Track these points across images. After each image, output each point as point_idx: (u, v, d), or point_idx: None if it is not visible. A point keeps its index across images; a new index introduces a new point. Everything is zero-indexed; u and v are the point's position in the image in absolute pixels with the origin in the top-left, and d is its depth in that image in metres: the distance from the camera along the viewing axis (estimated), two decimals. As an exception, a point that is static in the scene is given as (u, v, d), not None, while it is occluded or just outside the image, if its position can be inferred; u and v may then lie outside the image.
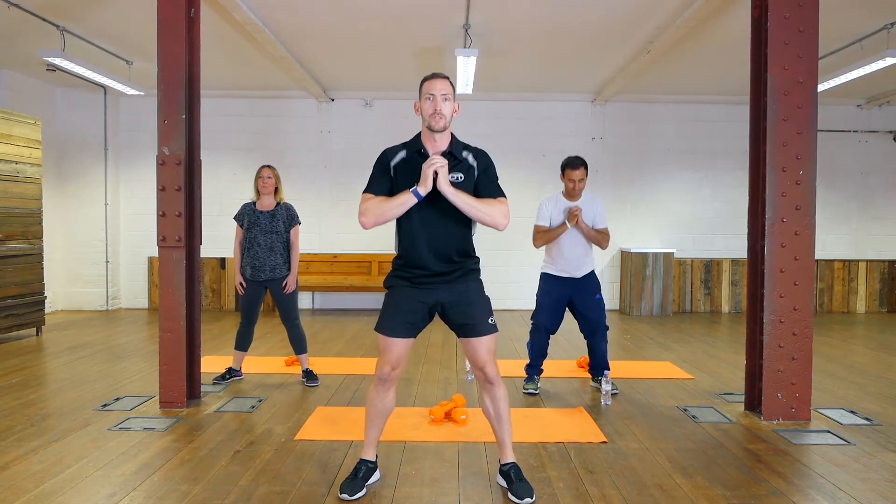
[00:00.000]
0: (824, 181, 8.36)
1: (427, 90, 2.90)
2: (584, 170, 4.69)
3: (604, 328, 4.79)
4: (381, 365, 2.99)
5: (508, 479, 3.00)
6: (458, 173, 2.91)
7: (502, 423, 3.03)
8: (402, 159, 2.97)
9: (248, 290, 5.04)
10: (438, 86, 2.88)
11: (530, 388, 4.79)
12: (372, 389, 3.04)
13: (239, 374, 5.17)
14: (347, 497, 2.93)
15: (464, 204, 2.84)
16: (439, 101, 2.86)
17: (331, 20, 6.22)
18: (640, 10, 5.85)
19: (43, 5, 5.82)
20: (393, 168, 2.97)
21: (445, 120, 2.88)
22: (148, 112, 8.96)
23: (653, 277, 9.10)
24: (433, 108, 2.87)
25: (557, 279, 4.79)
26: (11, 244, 6.69)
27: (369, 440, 3.10)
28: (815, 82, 4.12)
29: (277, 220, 5.01)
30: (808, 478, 3.25)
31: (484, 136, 9.31)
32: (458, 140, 3.01)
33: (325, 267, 9.40)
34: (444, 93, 2.88)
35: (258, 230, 4.99)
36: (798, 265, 4.12)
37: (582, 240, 4.75)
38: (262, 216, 5.01)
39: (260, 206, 5.05)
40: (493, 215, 2.88)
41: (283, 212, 5.05)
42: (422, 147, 2.94)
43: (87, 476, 3.18)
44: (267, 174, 5.03)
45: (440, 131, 2.90)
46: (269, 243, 4.98)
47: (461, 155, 2.96)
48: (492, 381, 2.98)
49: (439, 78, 2.92)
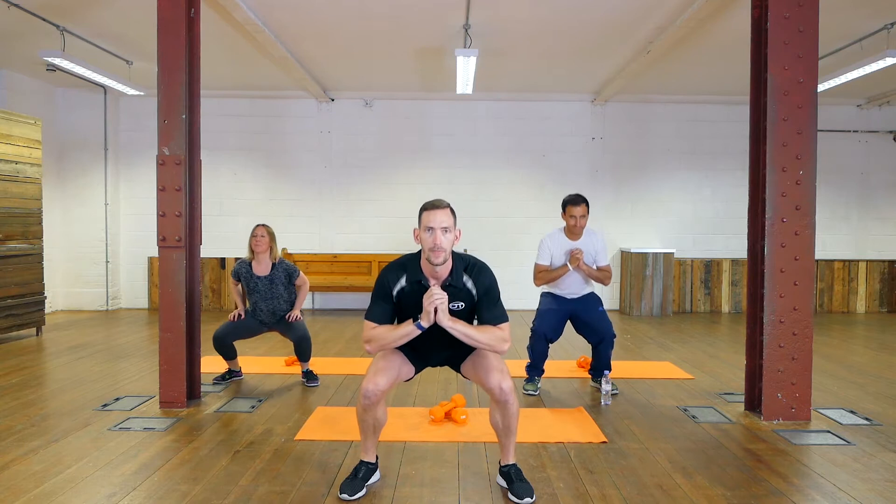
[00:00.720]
0: (824, 181, 8.37)
1: (426, 222, 2.87)
2: (586, 206, 4.71)
3: (611, 337, 4.77)
4: (367, 381, 2.92)
5: (508, 479, 3.00)
6: (458, 302, 2.94)
7: (509, 436, 3.03)
8: (402, 288, 2.97)
9: (247, 320, 5.04)
10: (438, 218, 2.85)
11: (530, 389, 4.79)
12: (358, 406, 2.98)
13: (239, 375, 5.18)
14: (347, 497, 2.93)
15: (462, 336, 2.87)
16: (439, 235, 2.84)
17: (331, 20, 6.22)
18: (640, 10, 5.85)
19: (43, 5, 5.82)
20: (395, 296, 2.98)
21: (445, 253, 2.86)
22: (148, 112, 8.97)
23: (653, 277, 9.10)
24: (433, 243, 2.84)
25: (559, 297, 4.83)
26: (11, 244, 6.69)
27: (367, 446, 3.10)
28: (815, 82, 4.12)
29: (276, 285, 5.00)
30: (808, 478, 3.25)
31: (484, 136, 9.35)
32: (459, 262, 2.98)
33: (325, 267, 9.40)
34: (445, 226, 2.85)
35: (258, 297, 5.00)
36: (798, 265, 4.12)
37: (580, 278, 4.80)
38: (261, 282, 4.99)
39: (256, 271, 5.00)
40: (492, 344, 2.89)
41: (281, 274, 5.01)
42: (422, 277, 2.93)
43: (87, 476, 3.18)
44: (260, 233, 4.98)
45: (440, 265, 2.88)
46: (270, 308, 5.02)
47: (461, 283, 2.95)
48: (507, 398, 2.91)
49: (439, 209, 2.88)
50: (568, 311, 4.81)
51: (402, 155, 9.37)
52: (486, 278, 2.98)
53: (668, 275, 9.14)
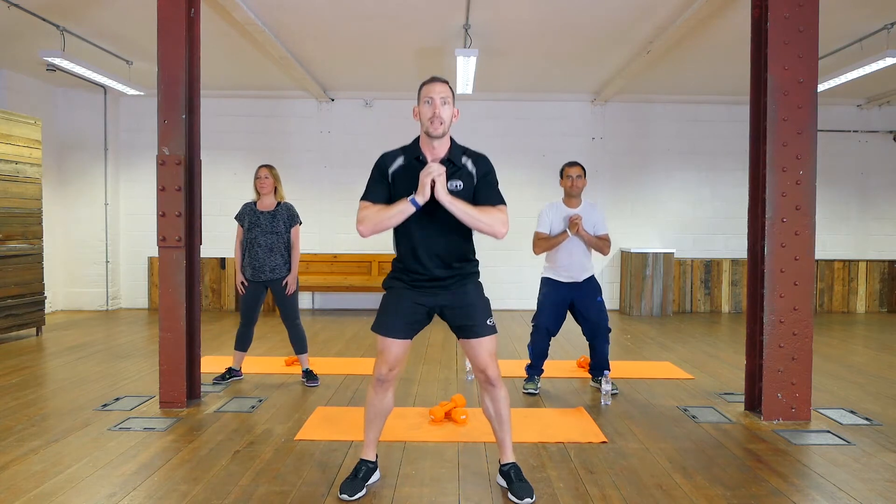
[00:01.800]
0: (824, 181, 8.35)
1: (426, 94, 2.84)
2: (582, 168, 4.78)
3: (606, 330, 4.79)
4: (378, 366, 2.98)
5: (508, 479, 3.00)
6: (456, 181, 2.86)
7: (503, 424, 3.02)
8: (399, 166, 2.91)
9: (248, 290, 5.04)
10: (437, 89, 2.82)
11: (530, 388, 4.79)
12: (370, 390, 3.03)
13: (239, 374, 5.17)
14: (347, 497, 2.92)
15: (461, 213, 2.78)
16: (438, 105, 2.79)
17: (331, 20, 6.22)
18: (640, 10, 5.85)
19: (43, 5, 5.82)
20: (391, 175, 2.92)
21: (445, 125, 2.82)
22: (148, 112, 8.96)
23: (653, 277, 9.10)
24: (432, 112, 2.79)
25: (559, 283, 4.81)
26: (11, 244, 6.69)
27: (369, 440, 3.10)
28: (815, 82, 4.12)
29: (278, 221, 5.01)
30: (808, 478, 3.25)
31: (484, 136, 9.34)
32: (457, 145, 2.95)
33: (325, 267, 9.40)
34: (444, 96, 2.81)
35: (259, 231, 4.99)
36: (798, 265, 4.12)
37: (582, 246, 4.77)
38: (263, 216, 5.01)
39: (260, 206, 5.05)
40: (492, 224, 2.82)
41: (284, 212, 5.05)
42: (420, 154, 2.89)
43: (87, 476, 3.18)
44: (264, 174, 5.01)
45: (439, 137, 2.83)
46: (269, 244, 4.98)
47: (460, 161, 2.90)
48: (493, 382, 2.97)
49: (438, 81, 2.85)
50: (567, 299, 4.80)
51: (402, 155, 9.35)
52: (487, 163, 2.95)
53: (668, 275, 9.14)
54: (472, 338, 2.97)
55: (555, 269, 4.82)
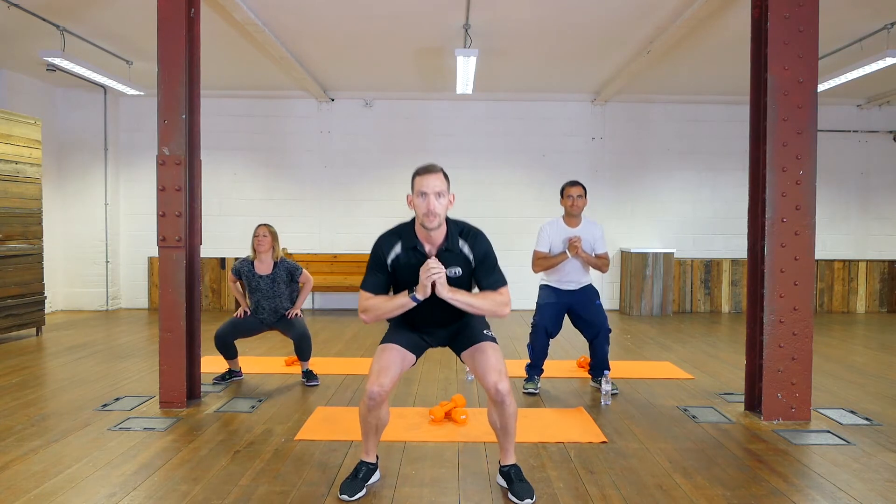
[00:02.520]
0: (824, 181, 8.36)
1: (419, 187, 2.84)
2: (583, 188, 4.80)
3: (606, 331, 4.80)
4: (370, 384, 2.88)
5: (509, 479, 3.00)
6: (455, 268, 2.91)
7: (507, 436, 3.02)
8: (398, 255, 2.95)
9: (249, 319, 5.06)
10: (431, 183, 2.82)
11: (530, 388, 4.79)
12: (363, 407, 2.96)
13: (239, 375, 5.18)
14: (347, 498, 2.92)
15: (464, 306, 2.87)
16: (432, 200, 2.81)
17: (331, 20, 6.22)
18: (640, 10, 5.85)
19: (43, 5, 5.82)
20: (390, 264, 2.96)
21: (439, 218, 2.85)
22: (148, 112, 8.96)
23: (653, 277, 9.10)
24: (426, 208, 2.81)
25: (558, 290, 4.84)
26: (11, 244, 6.69)
27: (368, 447, 3.10)
28: (815, 82, 4.12)
29: (278, 283, 5.01)
30: (808, 478, 3.25)
31: (484, 136, 9.35)
32: (453, 228, 2.96)
33: (325, 267, 9.41)
34: (438, 190, 2.82)
35: (260, 295, 5.01)
36: (798, 265, 4.12)
37: (579, 266, 4.82)
38: (263, 281, 4.99)
39: (259, 269, 5.01)
40: (493, 310, 2.90)
41: (282, 272, 5.02)
42: (417, 243, 2.91)
43: (87, 476, 3.18)
44: (262, 233, 4.98)
45: (434, 229, 2.87)
46: (273, 307, 5.03)
47: (457, 248, 2.93)
48: (503, 399, 2.90)
49: (432, 174, 2.85)
50: (566, 304, 4.82)
51: (402, 155, 9.35)
52: (483, 243, 2.97)
53: (668, 275, 9.14)
54: (471, 344, 3.01)
55: (553, 280, 4.86)
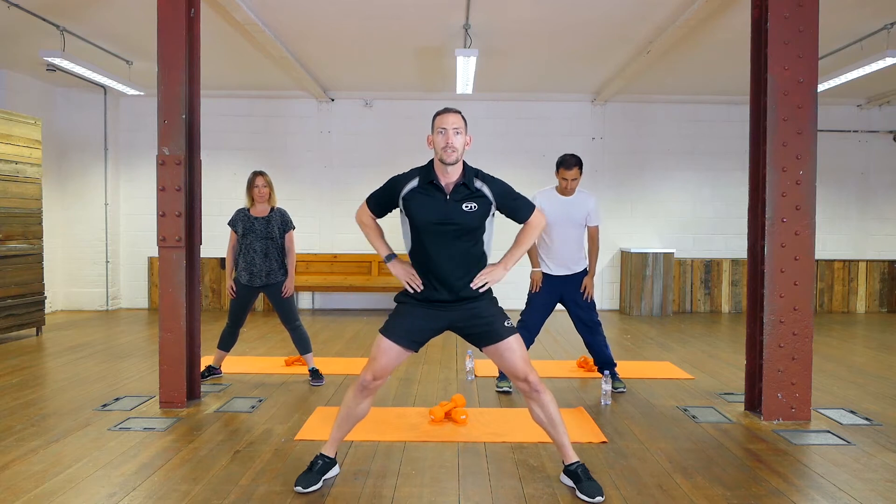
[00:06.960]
0: (824, 181, 8.37)
1: (439, 124, 2.97)
2: (579, 170, 4.69)
3: (596, 324, 4.80)
4: (365, 371, 3.06)
5: (576, 477, 3.01)
6: (471, 202, 2.98)
7: (556, 427, 3.05)
8: (412, 188, 3.01)
9: (239, 293, 5.06)
10: (450, 120, 2.95)
11: (504, 387, 4.79)
12: (350, 392, 3.11)
13: (219, 372, 5.21)
14: (301, 489, 2.98)
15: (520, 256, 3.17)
16: (451, 135, 2.92)
17: (331, 20, 6.22)
18: (640, 10, 5.85)
19: (43, 5, 5.82)
20: (402, 196, 3.02)
21: (457, 153, 2.94)
22: (148, 112, 8.96)
23: (653, 277, 9.10)
24: (445, 142, 2.92)
25: (551, 277, 4.80)
26: (11, 244, 6.69)
27: (333, 438, 3.16)
28: (815, 82, 4.12)
29: (272, 226, 5.04)
30: (808, 478, 3.25)
31: (484, 136, 9.33)
32: (469, 169, 3.05)
33: (325, 267, 9.40)
34: (456, 127, 2.94)
35: (254, 236, 5.01)
36: (798, 265, 4.12)
37: (573, 238, 4.77)
38: (258, 222, 5.03)
39: (255, 213, 5.07)
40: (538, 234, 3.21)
41: (278, 217, 5.08)
42: (434, 177, 3.00)
43: (87, 476, 3.18)
44: (262, 183, 5.04)
45: (452, 164, 2.95)
46: (264, 249, 5.01)
47: (474, 186, 3.01)
48: (537, 388, 2.99)
49: (451, 112, 2.99)
50: (558, 294, 4.80)
51: (402, 155, 9.29)
52: (499, 182, 3.10)
53: (668, 275, 9.14)
54: (496, 341, 3.01)
55: (547, 263, 4.80)
